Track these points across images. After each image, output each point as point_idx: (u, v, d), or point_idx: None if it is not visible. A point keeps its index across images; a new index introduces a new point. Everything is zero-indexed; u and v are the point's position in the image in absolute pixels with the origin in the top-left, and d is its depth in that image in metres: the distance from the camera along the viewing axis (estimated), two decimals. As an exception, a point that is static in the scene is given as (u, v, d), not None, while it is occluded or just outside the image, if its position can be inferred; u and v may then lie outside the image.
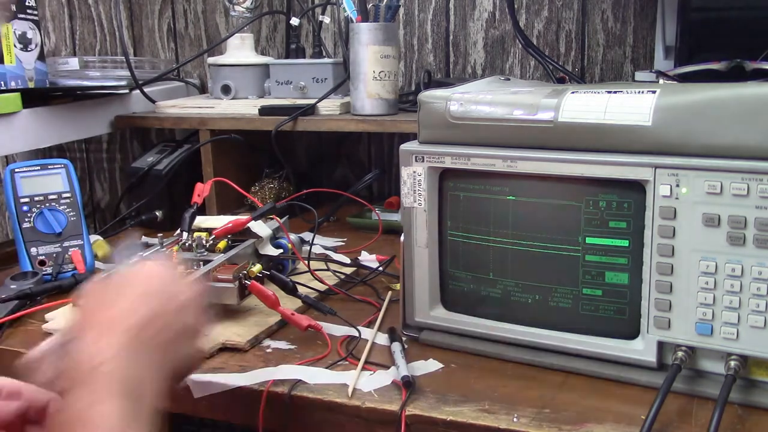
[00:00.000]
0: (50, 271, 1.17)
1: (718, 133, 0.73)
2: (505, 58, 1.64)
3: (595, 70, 1.58)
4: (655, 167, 0.76)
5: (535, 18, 1.60)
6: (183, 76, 1.89)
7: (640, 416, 0.72)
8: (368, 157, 1.79)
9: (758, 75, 1.09)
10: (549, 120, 0.81)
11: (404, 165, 0.89)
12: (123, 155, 1.98)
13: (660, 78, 1.14)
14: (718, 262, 0.74)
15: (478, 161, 0.85)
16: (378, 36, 1.39)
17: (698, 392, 0.77)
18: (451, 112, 0.87)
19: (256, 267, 1.02)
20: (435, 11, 1.67)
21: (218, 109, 1.56)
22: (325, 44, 1.71)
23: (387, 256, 1.23)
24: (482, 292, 0.89)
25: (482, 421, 0.74)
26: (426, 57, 1.70)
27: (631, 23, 1.54)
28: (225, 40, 1.66)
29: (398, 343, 0.89)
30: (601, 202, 0.80)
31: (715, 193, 0.73)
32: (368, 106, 1.43)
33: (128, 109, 1.65)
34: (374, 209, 1.45)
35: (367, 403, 0.79)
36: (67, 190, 1.23)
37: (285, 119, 1.45)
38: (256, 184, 1.58)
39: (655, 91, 0.78)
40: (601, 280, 0.81)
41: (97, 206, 2.04)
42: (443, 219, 0.90)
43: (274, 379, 0.84)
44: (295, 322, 0.94)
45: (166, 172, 1.52)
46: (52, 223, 1.20)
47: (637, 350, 0.80)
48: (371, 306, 1.06)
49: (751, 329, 0.74)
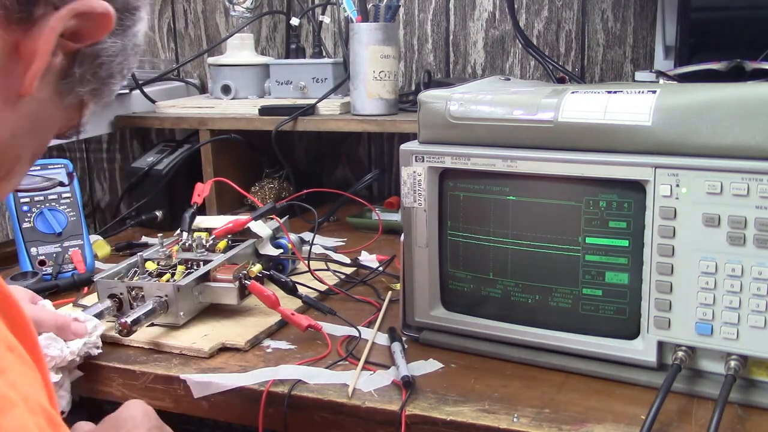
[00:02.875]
0: (50, 271, 1.17)
1: (718, 133, 0.73)
2: (505, 58, 1.64)
3: (595, 70, 1.58)
4: (655, 167, 0.76)
5: (535, 18, 1.60)
6: (183, 76, 1.89)
7: (640, 416, 0.73)
8: (368, 157, 1.79)
9: (758, 75, 1.09)
10: (549, 120, 0.81)
11: (404, 165, 0.89)
12: (123, 155, 1.97)
13: (660, 78, 1.14)
14: (718, 262, 0.74)
15: (478, 161, 0.85)
16: (378, 36, 1.39)
17: (698, 392, 0.77)
18: (451, 112, 0.87)
19: (256, 267, 1.02)
20: (435, 11, 1.67)
21: (218, 109, 1.56)
22: (325, 44, 1.71)
23: (387, 256, 1.23)
24: (482, 292, 0.89)
25: (482, 421, 0.74)
26: (426, 57, 1.70)
27: (631, 23, 1.54)
28: (225, 40, 1.66)
29: (398, 343, 0.89)
30: (601, 202, 0.80)
31: (715, 193, 0.73)
32: (368, 106, 1.43)
33: (128, 109, 1.65)
34: (374, 209, 1.45)
35: (367, 403, 0.79)
36: (67, 190, 1.23)
37: (285, 119, 1.45)
38: (256, 184, 1.58)
39: (655, 91, 0.78)
40: (601, 280, 0.81)
41: (97, 206, 2.04)
42: (443, 219, 0.90)
43: (274, 379, 0.84)
44: (295, 322, 0.94)
45: (166, 172, 1.52)
46: (52, 223, 1.20)
47: (637, 350, 0.80)
48: (371, 306, 1.06)
49: (751, 329, 0.74)
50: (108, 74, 0.58)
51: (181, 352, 0.92)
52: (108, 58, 0.56)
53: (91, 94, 0.58)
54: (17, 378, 0.46)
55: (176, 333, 0.96)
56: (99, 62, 0.56)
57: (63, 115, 0.58)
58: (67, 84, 0.55)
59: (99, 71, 0.57)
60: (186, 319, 0.98)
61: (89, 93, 0.57)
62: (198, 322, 0.99)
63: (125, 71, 0.60)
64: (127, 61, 0.59)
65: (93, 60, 0.56)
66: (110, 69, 0.57)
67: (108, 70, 0.57)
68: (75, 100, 0.57)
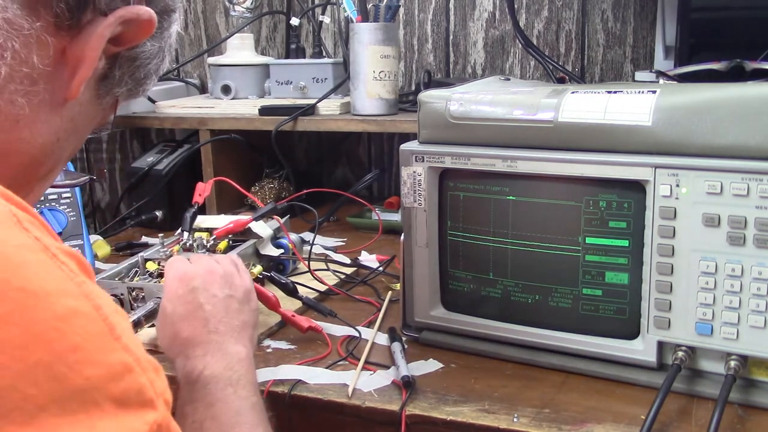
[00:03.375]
0: (50, 271, 1.17)
1: (718, 133, 0.73)
2: (505, 58, 1.64)
3: (595, 70, 1.58)
4: (655, 167, 0.76)
5: (535, 18, 1.60)
6: (183, 76, 1.89)
7: (640, 416, 0.73)
8: (368, 157, 1.79)
9: (758, 75, 1.09)
10: (549, 120, 0.81)
11: (404, 165, 0.89)
12: (123, 155, 1.97)
13: (660, 78, 1.14)
14: (718, 262, 0.74)
15: (478, 161, 0.85)
16: (378, 36, 1.39)
17: (698, 392, 0.77)
18: (451, 112, 0.87)
19: (256, 268, 1.02)
20: (435, 11, 1.67)
21: (218, 109, 1.56)
22: (325, 44, 1.71)
23: (387, 256, 1.23)
24: (482, 292, 0.89)
25: (482, 421, 0.74)
26: (426, 57, 1.70)
27: (631, 23, 1.54)
28: (225, 40, 1.66)
29: (398, 343, 0.89)
30: (601, 202, 0.80)
31: (715, 193, 0.73)
32: (368, 106, 1.43)
33: (128, 109, 1.65)
34: (374, 209, 1.45)
35: (367, 403, 0.79)
36: (67, 190, 1.23)
37: (285, 119, 1.45)
38: (256, 184, 1.58)
39: (655, 91, 0.78)
40: (601, 280, 0.81)
41: (97, 206, 2.04)
42: (443, 219, 0.90)
43: (274, 379, 0.84)
44: (295, 324, 0.94)
45: (166, 172, 1.52)
46: (52, 223, 1.20)
47: (637, 350, 0.80)
48: (371, 306, 1.06)
49: (751, 329, 0.74)
50: (144, 75, 0.59)
51: (181, 352, 0.92)
52: (146, 60, 0.58)
53: (127, 93, 0.60)
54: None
55: (176, 333, 0.96)
56: (137, 64, 0.58)
57: (100, 114, 0.59)
58: (106, 85, 0.57)
59: (136, 73, 0.58)
60: (186, 319, 0.98)
61: (125, 93, 0.59)
62: (198, 322, 0.99)
63: (160, 71, 0.61)
64: (163, 62, 0.61)
65: (132, 62, 0.57)
66: (147, 70, 0.59)
67: (145, 70, 0.59)
68: (112, 100, 0.59)
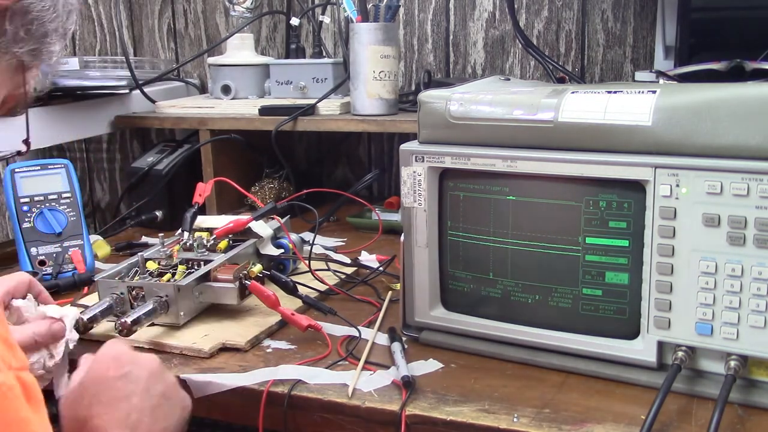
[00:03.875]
0: (50, 271, 1.17)
1: (718, 133, 0.73)
2: (505, 58, 1.64)
3: (595, 70, 1.58)
4: (655, 167, 0.76)
5: (535, 18, 1.60)
6: (183, 76, 1.89)
7: (640, 416, 0.73)
8: (368, 157, 1.79)
9: (758, 75, 1.09)
10: (549, 120, 0.81)
11: (404, 165, 0.89)
12: (123, 155, 1.97)
13: (660, 78, 1.14)
14: (718, 262, 0.74)
15: (478, 161, 0.85)
16: (378, 36, 1.39)
17: (698, 392, 0.77)
18: (451, 112, 0.87)
19: (256, 267, 1.02)
20: (435, 11, 1.67)
21: (218, 109, 1.56)
22: (325, 44, 1.71)
23: (387, 256, 1.23)
24: (482, 292, 0.89)
25: (482, 421, 0.74)
26: (426, 57, 1.70)
27: (631, 23, 1.54)
28: (225, 40, 1.66)
29: (398, 343, 0.89)
30: (601, 202, 0.80)
31: (715, 193, 0.73)
32: (368, 106, 1.43)
33: (128, 109, 1.65)
34: (374, 209, 1.45)
35: (367, 403, 0.79)
36: (67, 190, 1.23)
37: (285, 119, 1.45)
38: (256, 184, 1.58)
39: (655, 91, 0.78)
40: (601, 280, 0.81)
41: (97, 206, 2.04)
42: (443, 219, 0.90)
43: (274, 379, 0.84)
44: (295, 322, 0.94)
45: (166, 172, 1.52)
46: (52, 223, 1.20)
47: (637, 350, 0.80)
48: (371, 306, 1.06)
49: (751, 329, 0.74)
50: (43, 33, 0.59)
51: (181, 352, 0.92)
52: (39, 14, 0.58)
53: (30, 54, 0.59)
54: None
55: (176, 333, 0.96)
56: (30, 18, 0.57)
57: (7, 79, 0.59)
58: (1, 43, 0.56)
59: (32, 28, 0.58)
60: (186, 319, 0.98)
61: (28, 54, 0.58)
62: (198, 322, 0.99)
63: (61, 30, 0.60)
64: (61, 19, 0.60)
65: (23, 16, 0.57)
66: (44, 27, 0.59)
67: (42, 28, 0.58)
68: (13, 60, 0.58)
